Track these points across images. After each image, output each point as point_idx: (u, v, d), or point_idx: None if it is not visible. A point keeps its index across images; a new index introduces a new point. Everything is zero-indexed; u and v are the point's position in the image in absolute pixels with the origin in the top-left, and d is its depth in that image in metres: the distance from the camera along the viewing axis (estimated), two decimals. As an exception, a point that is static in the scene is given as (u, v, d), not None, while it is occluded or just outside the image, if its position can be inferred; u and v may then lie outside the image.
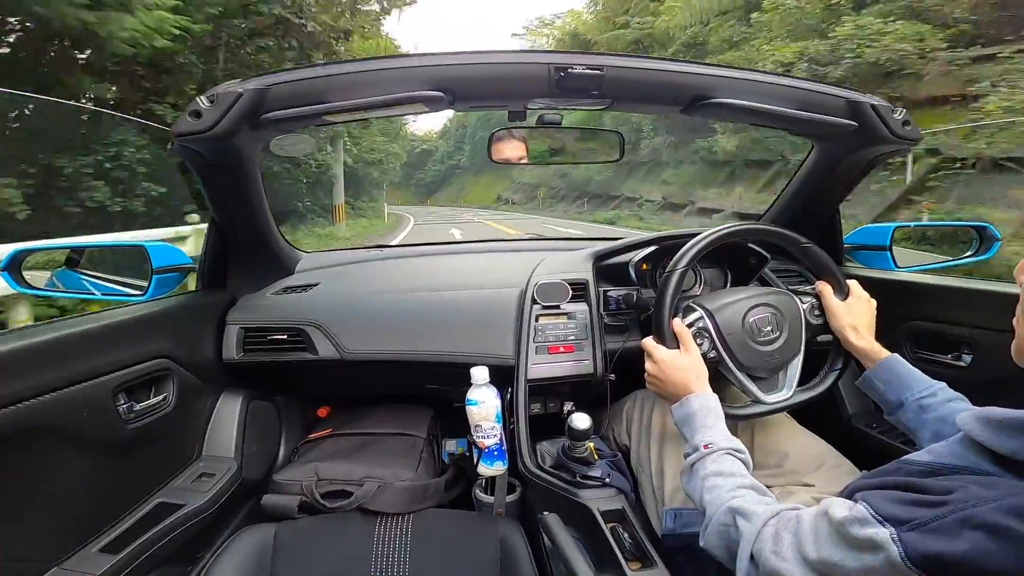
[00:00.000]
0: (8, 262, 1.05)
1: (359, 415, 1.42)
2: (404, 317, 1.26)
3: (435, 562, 0.99)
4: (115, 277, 1.19)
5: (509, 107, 1.03)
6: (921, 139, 1.04)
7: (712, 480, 0.73)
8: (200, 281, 1.24)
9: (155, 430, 0.98)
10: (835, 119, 0.99)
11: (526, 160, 1.26)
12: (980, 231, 1.30)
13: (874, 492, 0.54)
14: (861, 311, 0.97)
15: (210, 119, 0.85)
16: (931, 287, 1.15)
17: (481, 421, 1.09)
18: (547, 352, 1.18)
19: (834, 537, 0.54)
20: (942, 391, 0.83)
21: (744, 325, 0.94)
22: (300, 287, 1.35)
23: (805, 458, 0.97)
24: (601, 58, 0.91)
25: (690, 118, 1.05)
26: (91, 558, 0.84)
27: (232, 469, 1.11)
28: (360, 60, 0.91)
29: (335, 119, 0.95)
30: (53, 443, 0.80)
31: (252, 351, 1.22)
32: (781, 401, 0.96)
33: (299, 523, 1.07)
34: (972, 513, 0.45)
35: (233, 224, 1.19)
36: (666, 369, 0.89)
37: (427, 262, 1.65)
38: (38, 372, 0.77)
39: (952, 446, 0.57)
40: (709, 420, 0.82)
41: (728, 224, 1.01)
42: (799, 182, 1.29)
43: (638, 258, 1.25)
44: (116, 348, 0.92)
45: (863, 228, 1.31)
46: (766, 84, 0.97)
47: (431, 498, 1.16)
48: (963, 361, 1.05)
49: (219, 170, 1.04)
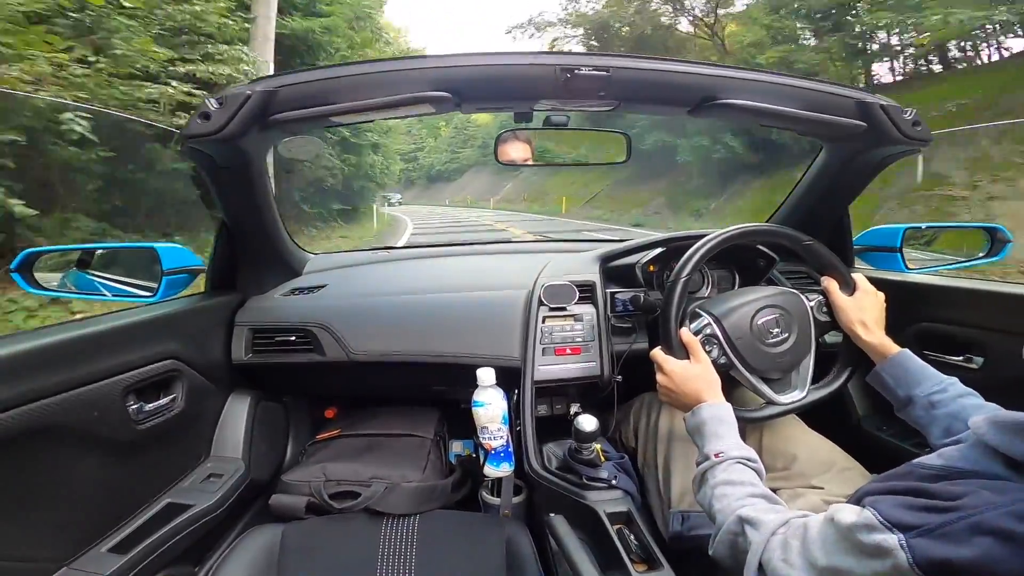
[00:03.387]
0: (19, 263, 1.06)
1: (366, 416, 1.42)
2: (411, 318, 1.26)
3: (441, 563, 0.99)
4: (126, 279, 1.19)
5: (515, 108, 1.03)
6: (932, 140, 1.03)
7: (722, 489, 0.72)
8: (209, 282, 1.25)
9: (164, 431, 0.99)
10: (844, 120, 0.98)
11: (531, 161, 1.26)
12: (992, 232, 1.28)
13: (882, 497, 0.54)
14: (869, 305, 0.96)
15: (219, 121, 0.86)
16: (941, 289, 1.14)
17: (488, 423, 1.09)
18: (554, 354, 1.18)
19: (842, 543, 0.53)
20: (953, 387, 0.82)
21: (752, 328, 0.94)
22: (308, 288, 1.36)
23: (814, 461, 0.97)
24: (607, 59, 0.91)
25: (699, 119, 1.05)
26: (100, 558, 0.85)
27: (240, 470, 1.12)
28: (367, 62, 0.92)
29: (342, 120, 0.95)
30: (63, 443, 0.81)
31: (260, 352, 1.23)
32: (796, 401, 0.96)
33: (306, 523, 1.07)
34: (982, 519, 0.45)
35: (242, 226, 1.20)
36: (677, 380, 0.88)
37: (434, 264, 1.66)
38: (49, 373, 0.77)
39: (963, 450, 0.57)
40: (721, 429, 0.81)
41: (731, 227, 1.00)
42: (808, 183, 1.28)
43: (645, 260, 1.24)
44: (126, 349, 0.93)
45: (873, 229, 1.30)
46: (775, 84, 0.96)
47: (438, 499, 1.16)
48: (974, 363, 1.03)
49: (228, 172, 1.04)
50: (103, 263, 1.21)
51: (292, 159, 6.87)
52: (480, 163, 42.14)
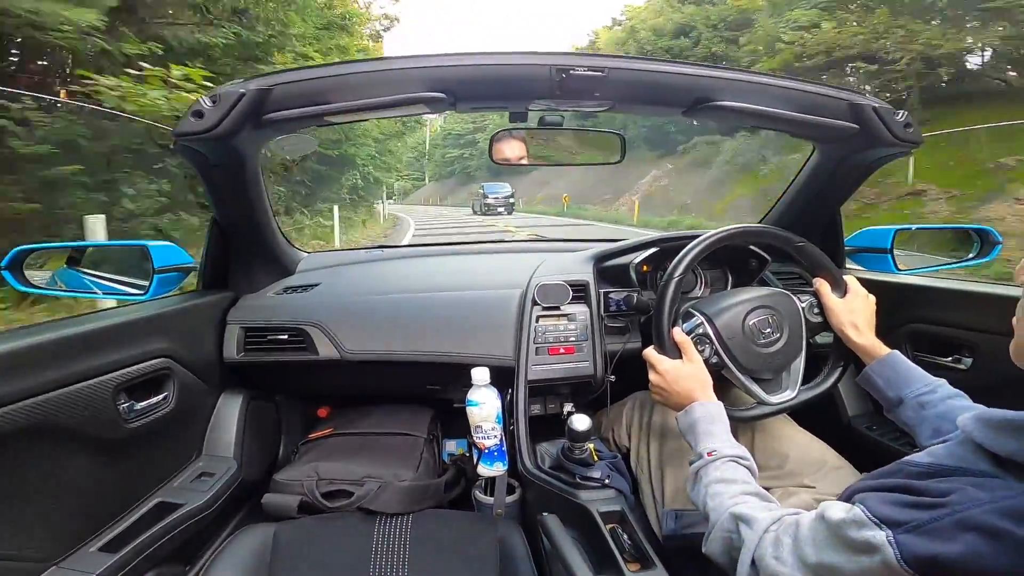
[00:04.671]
0: (9, 261, 1.05)
1: (359, 415, 1.42)
2: (405, 318, 1.26)
3: (434, 562, 0.99)
4: (117, 276, 1.19)
5: (510, 108, 1.03)
6: (923, 141, 1.04)
7: (715, 487, 0.73)
8: (201, 281, 1.25)
9: (155, 429, 0.98)
10: (836, 122, 0.98)
11: (526, 160, 1.26)
12: (981, 234, 1.30)
13: (871, 494, 0.54)
14: (860, 307, 0.97)
15: (212, 119, 0.86)
16: (931, 290, 1.15)
17: (481, 422, 1.09)
18: (547, 353, 1.18)
19: (832, 540, 0.54)
20: (942, 388, 0.83)
21: (744, 328, 0.94)
22: (301, 287, 1.35)
23: (806, 460, 0.97)
24: (603, 60, 0.91)
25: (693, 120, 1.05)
26: (90, 557, 0.84)
27: (232, 468, 1.11)
28: (362, 61, 0.92)
29: (337, 120, 0.95)
30: (53, 442, 0.80)
31: (253, 351, 1.23)
32: (786, 401, 0.96)
33: (298, 523, 1.07)
34: (968, 515, 0.45)
35: (234, 224, 1.20)
36: (669, 380, 0.89)
37: (428, 263, 1.65)
38: (39, 371, 0.77)
39: (952, 448, 0.58)
40: (714, 428, 0.81)
41: (724, 227, 1.01)
42: (799, 185, 1.29)
43: (638, 260, 1.25)
44: (117, 347, 0.92)
45: (864, 231, 1.31)
46: (768, 86, 0.97)
47: (431, 498, 1.16)
48: (963, 364, 1.04)
49: (221, 170, 1.04)
50: (94, 261, 1.20)
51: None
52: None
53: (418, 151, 52.83)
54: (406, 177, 56.37)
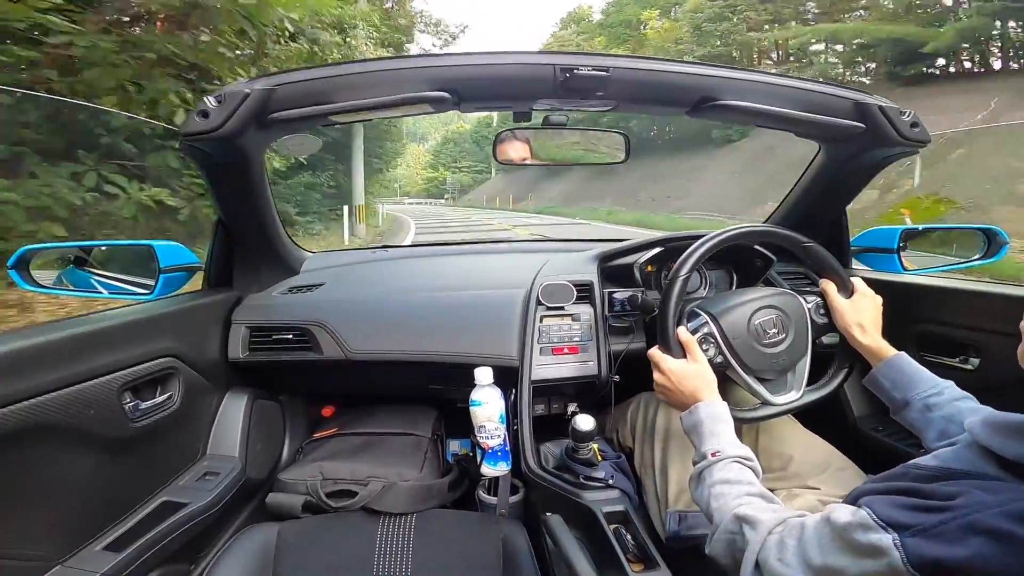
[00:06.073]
0: (16, 260, 1.06)
1: (363, 415, 1.42)
2: (409, 317, 1.26)
3: (438, 562, 0.99)
4: (123, 276, 1.19)
5: (514, 108, 1.03)
6: (930, 141, 1.03)
7: (719, 488, 0.72)
8: (207, 280, 1.25)
9: (160, 429, 0.99)
10: (842, 121, 0.98)
11: (530, 160, 1.26)
12: (988, 234, 1.29)
13: (877, 497, 0.54)
14: (866, 308, 0.96)
15: (218, 119, 0.86)
16: (938, 290, 1.14)
17: (485, 422, 1.09)
18: (551, 353, 1.18)
19: (837, 543, 0.53)
20: (949, 390, 0.83)
21: (749, 328, 0.94)
22: (305, 287, 1.36)
23: (810, 461, 0.97)
24: (606, 59, 0.91)
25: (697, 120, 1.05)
26: (94, 556, 0.84)
27: (236, 468, 1.12)
28: (366, 60, 0.92)
29: (341, 119, 0.95)
30: (58, 441, 0.80)
31: (257, 350, 1.23)
32: (791, 402, 0.96)
33: (302, 522, 1.07)
34: (975, 518, 0.45)
35: (239, 224, 1.20)
36: (674, 379, 0.88)
37: (432, 263, 1.66)
38: (45, 370, 0.77)
39: (959, 451, 0.57)
40: (717, 428, 0.81)
41: (730, 227, 1.00)
42: (805, 184, 1.28)
43: (643, 260, 1.24)
44: (123, 347, 0.93)
45: (870, 231, 1.30)
46: (772, 85, 0.96)
47: (435, 498, 1.16)
48: (970, 365, 1.04)
49: (226, 170, 1.04)
50: (100, 260, 1.21)
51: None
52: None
53: (478, 135, 45.53)
54: (464, 169, 50.77)
